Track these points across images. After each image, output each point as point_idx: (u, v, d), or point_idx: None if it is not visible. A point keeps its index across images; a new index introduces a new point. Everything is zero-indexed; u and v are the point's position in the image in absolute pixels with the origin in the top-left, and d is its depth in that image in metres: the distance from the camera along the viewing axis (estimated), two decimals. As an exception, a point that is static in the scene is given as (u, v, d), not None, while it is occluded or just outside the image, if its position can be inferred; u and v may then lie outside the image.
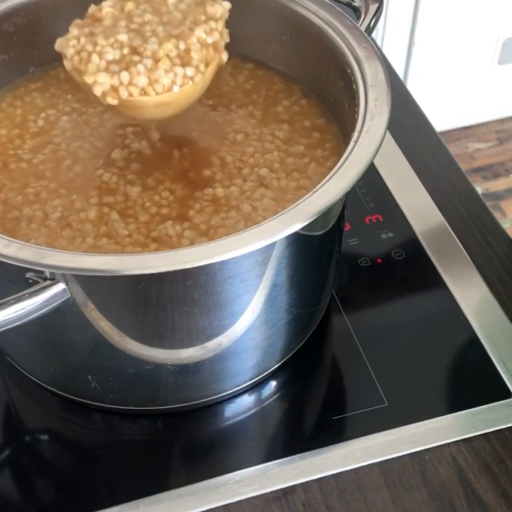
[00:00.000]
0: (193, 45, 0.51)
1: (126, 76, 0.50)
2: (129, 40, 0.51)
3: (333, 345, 0.62)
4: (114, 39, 0.51)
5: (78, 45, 0.51)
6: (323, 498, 0.52)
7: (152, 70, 0.50)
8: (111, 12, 0.53)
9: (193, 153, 0.57)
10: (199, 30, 0.51)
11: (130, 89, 0.50)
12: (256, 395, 0.58)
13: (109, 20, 0.53)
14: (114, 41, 0.51)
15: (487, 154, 1.75)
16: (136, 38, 0.52)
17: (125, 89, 0.50)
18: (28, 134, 0.59)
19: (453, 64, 1.65)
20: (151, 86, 0.51)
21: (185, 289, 0.47)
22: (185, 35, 0.51)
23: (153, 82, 0.50)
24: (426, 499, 0.52)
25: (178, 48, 0.51)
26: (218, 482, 0.53)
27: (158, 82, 0.50)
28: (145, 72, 0.50)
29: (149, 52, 0.51)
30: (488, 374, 0.58)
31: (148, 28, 0.52)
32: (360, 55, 0.54)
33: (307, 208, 0.45)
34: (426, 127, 0.79)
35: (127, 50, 0.51)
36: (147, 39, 0.52)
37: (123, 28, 0.52)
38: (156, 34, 0.52)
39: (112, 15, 0.53)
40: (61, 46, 0.53)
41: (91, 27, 0.53)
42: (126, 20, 0.53)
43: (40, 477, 0.55)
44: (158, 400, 0.56)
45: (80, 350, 0.52)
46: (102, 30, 0.52)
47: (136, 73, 0.50)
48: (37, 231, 0.52)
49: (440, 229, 0.68)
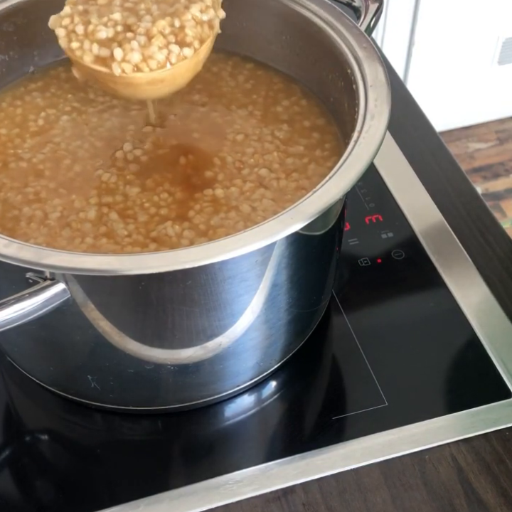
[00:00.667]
0: (187, 21, 0.51)
1: (120, 52, 0.50)
2: (122, 19, 0.51)
3: (333, 345, 0.62)
4: (107, 18, 0.51)
5: (70, 25, 0.51)
6: (323, 498, 0.52)
7: (146, 47, 0.50)
8: None
9: (195, 155, 0.57)
10: (194, 8, 0.51)
11: (123, 66, 0.50)
12: (256, 395, 0.58)
13: None
14: (107, 20, 0.51)
15: (487, 154, 1.74)
16: (130, 17, 0.51)
17: (118, 66, 0.50)
18: (28, 134, 0.59)
19: (453, 64, 1.65)
20: (145, 62, 0.50)
21: (185, 289, 0.47)
22: (180, 12, 0.51)
23: (147, 58, 0.50)
24: (426, 499, 0.52)
25: (173, 26, 0.51)
26: (218, 482, 0.53)
27: (152, 58, 0.50)
28: (138, 48, 0.50)
29: (142, 29, 0.50)
30: (488, 374, 0.58)
31: (143, 7, 0.52)
32: (360, 55, 0.54)
33: (307, 208, 0.45)
34: (426, 127, 0.79)
35: (121, 28, 0.51)
36: (141, 17, 0.51)
37: (117, 7, 0.52)
38: (150, 12, 0.52)
39: None
40: (54, 25, 0.52)
41: (85, 4, 0.52)
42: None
43: (40, 477, 0.54)
44: (158, 400, 0.56)
45: (79, 350, 0.52)
46: (96, 9, 0.52)
47: (129, 49, 0.50)
48: (36, 230, 0.52)
49: (440, 229, 0.68)
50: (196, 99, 0.62)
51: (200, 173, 0.56)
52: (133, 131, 0.59)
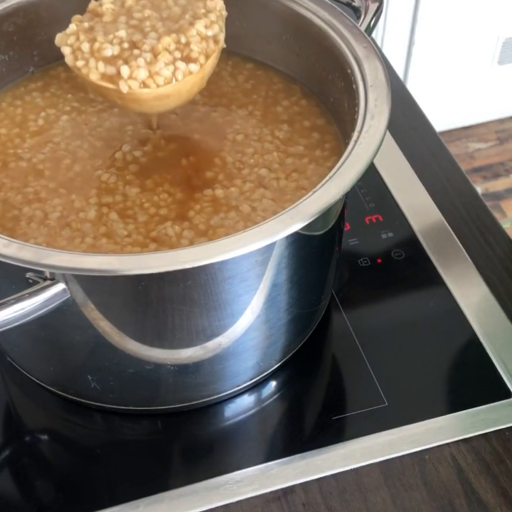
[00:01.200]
0: (192, 37, 0.51)
1: (127, 70, 0.50)
2: (128, 36, 0.52)
3: (333, 345, 0.62)
4: (113, 35, 0.51)
5: (76, 43, 0.52)
6: (323, 498, 0.52)
7: (152, 64, 0.50)
8: (111, 8, 0.53)
9: (196, 157, 0.57)
10: (199, 24, 0.52)
11: (130, 83, 0.50)
12: (256, 395, 0.58)
13: (109, 16, 0.53)
14: (113, 37, 0.51)
15: (487, 154, 1.74)
16: (135, 34, 0.52)
17: (125, 83, 0.50)
18: (28, 133, 0.59)
19: (453, 64, 1.65)
20: (152, 78, 0.51)
21: (185, 289, 0.47)
22: (185, 28, 0.52)
23: (154, 74, 0.50)
24: (426, 499, 0.52)
25: (179, 42, 0.51)
26: (218, 482, 0.53)
27: (159, 74, 0.50)
28: (145, 65, 0.50)
29: (148, 46, 0.51)
30: (488, 374, 0.58)
31: (148, 24, 0.52)
32: (360, 55, 0.54)
33: (307, 208, 0.45)
34: (426, 127, 0.79)
35: (126, 45, 0.51)
36: (146, 34, 0.52)
37: (123, 24, 0.52)
38: (155, 29, 0.52)
39: (112, 11, 0.53)
40: (60, 43, 0.53)
41: (91, 22, 0.53)
42: (126, 16, 0.53)
43: (40, 477, 0.54)
44: (158, 400, 0.56)
45: (79, 350, 0.52)
46: (102, 26, 0.52)
47: (135, 67, 0.50)
48: (36, 230, 0.52)
49: (440, 229, 0.68)
50: (197, 99, 0.61)
51: (200, 173, 0.56)
52: (132, 131, 0.59)
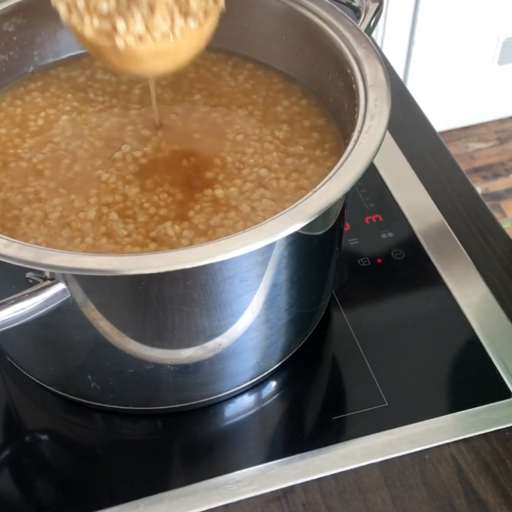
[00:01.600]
0: None
1: (123, 24, 0.49)
2: None
3: (333, 345, 0.62)
4: None
5: (71, 0, 0.50)
6: (323, 498, 0.52)
7: (149, 18, 0.49)
8: None
9: (197, 157, 0.57)
10: None
11: (126, 38, 0.49)
12: (256, 395, 0.58)
13: None
14: None
15: (487, 154, 1.75)
16: None
17: (121, 39, 0.49)
18: (28, 133, 0.59)
19: (453, 64, 1.65)
20: (148, 33, 0.49)
21: (185, 289, 0.47)
22: None
23: (151, 28, 0.49)
24: (426, 499, 0.52)
25: None
26: (218, 482, 0.53)
27: (156, 28, 0.49)
28: (141, 19, 0.49)
29: (145, 1, 0.49)
30: (488, 374, 0.58)
31: None
32: (360, 54, 0.54)
33: (307, 208, 0.45)
34: (426, 127, 0.79)
35: (123, 0, 0.50)
36: None
37: None
38: None
39: None
40: (55, 1, 0.52)
41: None
42: None
43: (40, 477, 0.54)
44: (158, 400, 0.56)
45: (80, 350, 0.52)
46: None
47: (132, 21, 0.49)
48: (36, 230, 0.52)
49: (440, 229, 0.68)
50: (197, 99, 0.62)
51: (200, 173, 0.56)
52: (132, 131, 0.59)
